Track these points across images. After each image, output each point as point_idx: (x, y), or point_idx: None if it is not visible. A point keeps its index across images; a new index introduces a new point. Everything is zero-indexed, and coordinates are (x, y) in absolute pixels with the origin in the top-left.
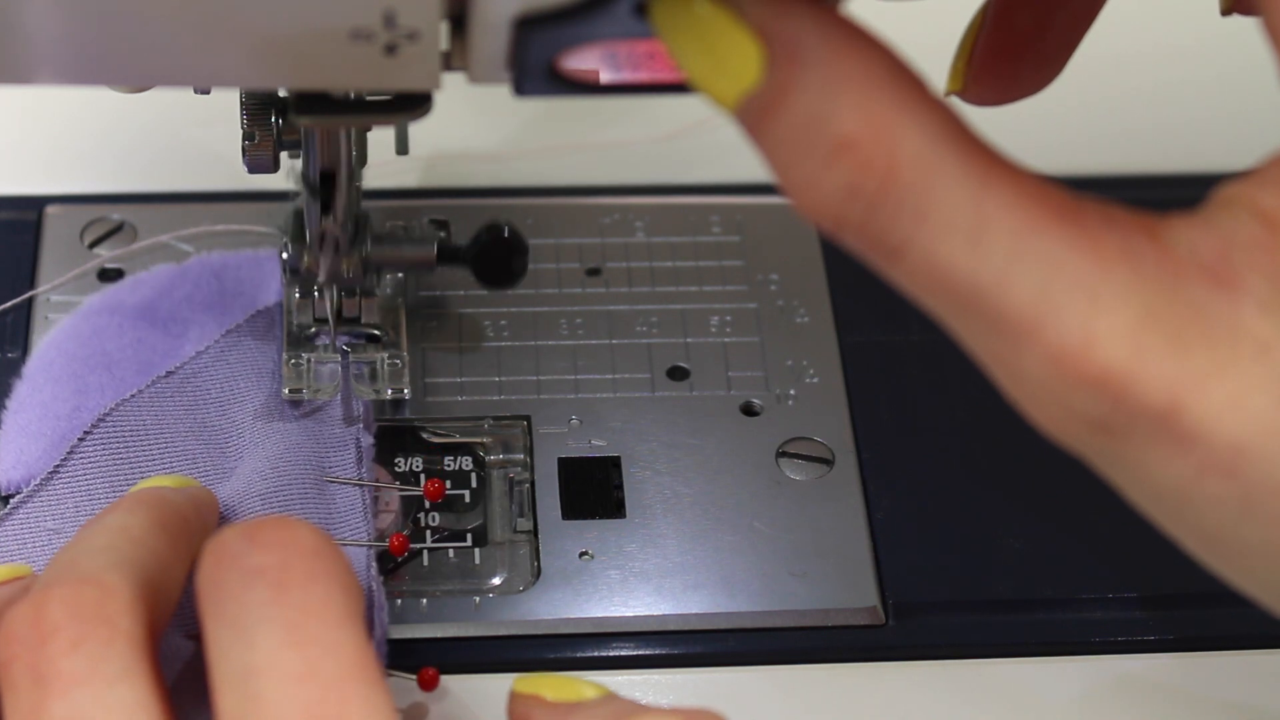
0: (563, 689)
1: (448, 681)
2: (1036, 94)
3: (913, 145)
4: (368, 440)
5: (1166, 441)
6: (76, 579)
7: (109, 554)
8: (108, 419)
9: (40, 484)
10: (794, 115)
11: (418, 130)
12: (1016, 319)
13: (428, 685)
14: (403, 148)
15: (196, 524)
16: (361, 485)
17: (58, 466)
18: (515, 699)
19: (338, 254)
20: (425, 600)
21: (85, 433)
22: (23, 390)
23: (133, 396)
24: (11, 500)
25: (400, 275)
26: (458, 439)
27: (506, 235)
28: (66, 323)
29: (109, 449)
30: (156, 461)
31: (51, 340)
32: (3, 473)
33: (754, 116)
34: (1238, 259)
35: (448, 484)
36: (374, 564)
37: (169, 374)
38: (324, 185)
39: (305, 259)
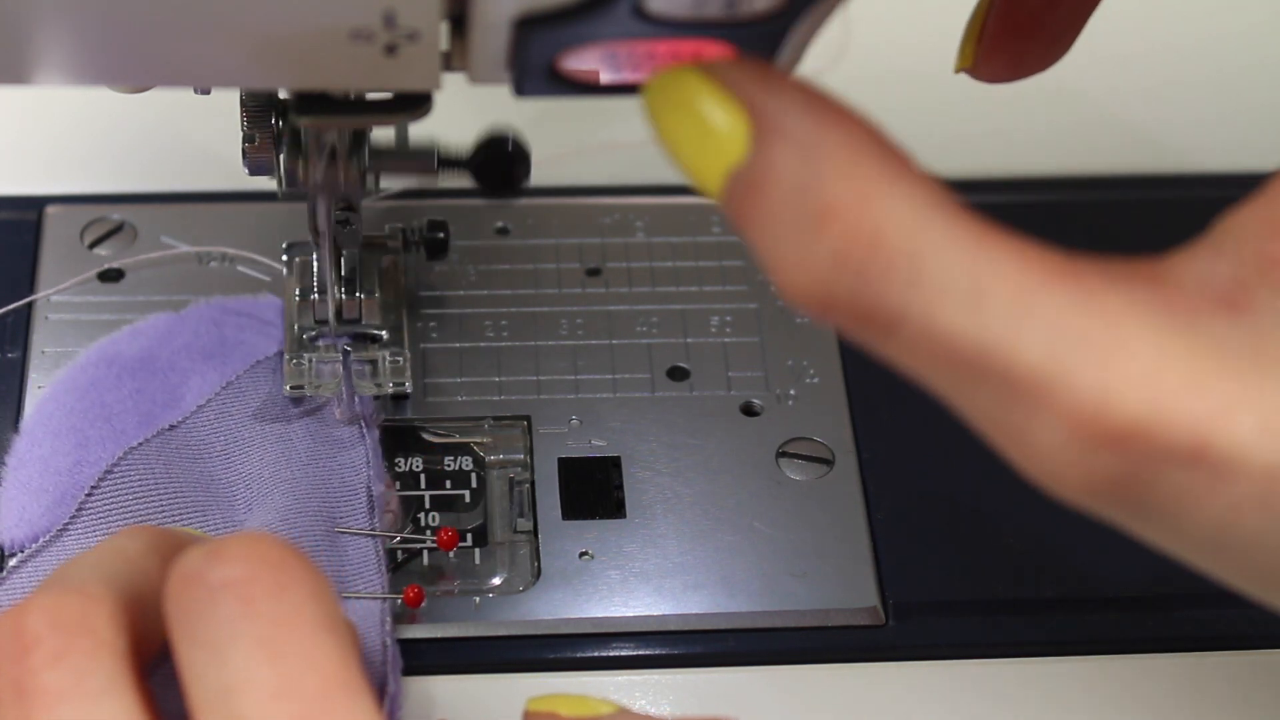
0: (577, 706)
1: (448, 682)
2: (1044, 70)
3: (900, 210)
4: (374, 437)
5: (1199, 482)
6: (59, 590)
7: (97, 569)
8: (114, 471)
9: (49, 540)
10: (778, 189)
11: (418, 130)
12: (1026, 382)
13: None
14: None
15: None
16: (374, 536)
17: (68, 524)
18: (529, 717)
19: (334, 162)
20: (425, 600)
21: (93, 486)
22: (22, 446)
23: (139, 447)
24: (16, 558)
25: (401, 275)
26: (458, 439)
27: (510, 148)
28: (63, 375)
29: (118, 502)
30: (165, 514)
31: (49, 394)
32: (5, 531)
33: (740, 195)
34: (1250, 280)
35: (465, 539)
36: (389, 619)
37: (172, 428)
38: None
39: (301, 170)
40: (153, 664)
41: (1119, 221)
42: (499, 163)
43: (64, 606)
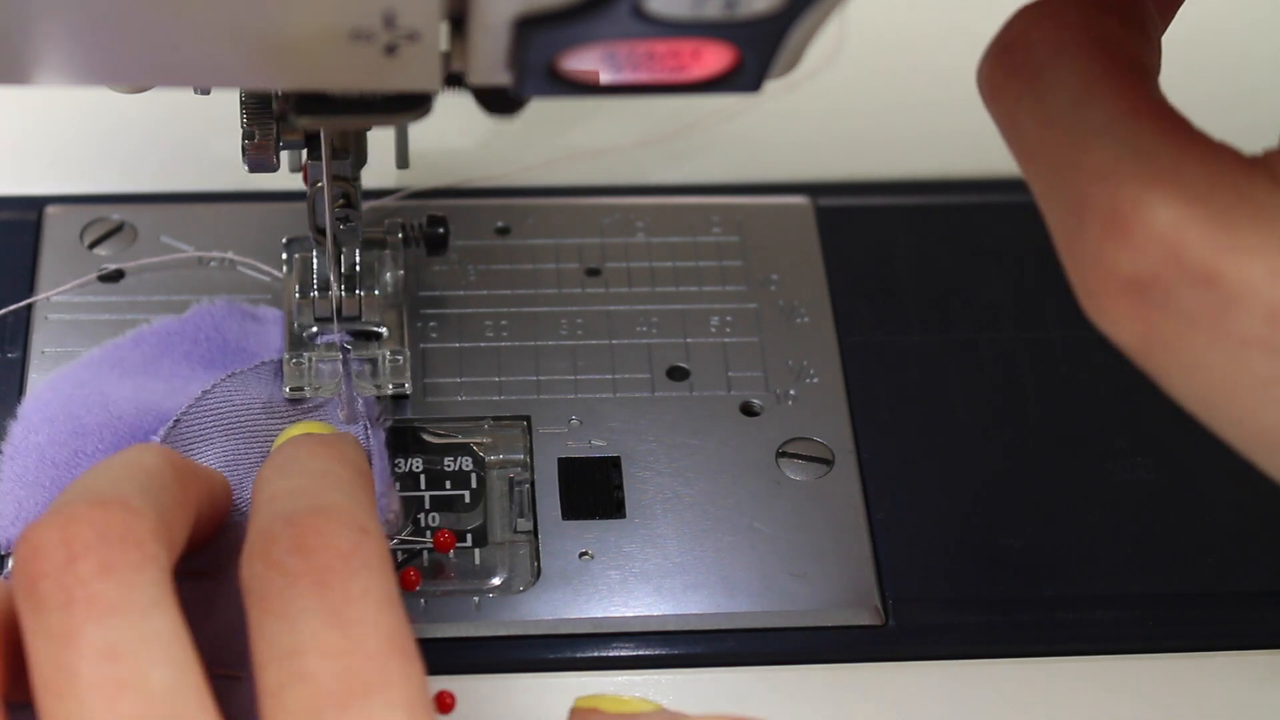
0: (620, 705)
1: (448, 682)
2: None
3: (1050, 28)
4: (380, 439)
5: (1211, 306)
6: (101, 499)
7: (128, 481)
8: None
9: None
10: None
11: (417, 131)
12: (1088, 176)
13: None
14: (403, 161)
15: (205, 479)
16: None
17: None
18: (575, 715)
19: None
20: (425, 600)
21: None
22: (18, 432)
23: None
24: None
25: (401, 273)
26: (458, 439)
27: None
28: (63, 368)
29: None
30: None
31: (47, 383)
32: (3, 530)
33: None
34: None
35: (464, 540)
36: None
37: (175, 422)
38: None
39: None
40: None
41: None
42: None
43: (111, 518)
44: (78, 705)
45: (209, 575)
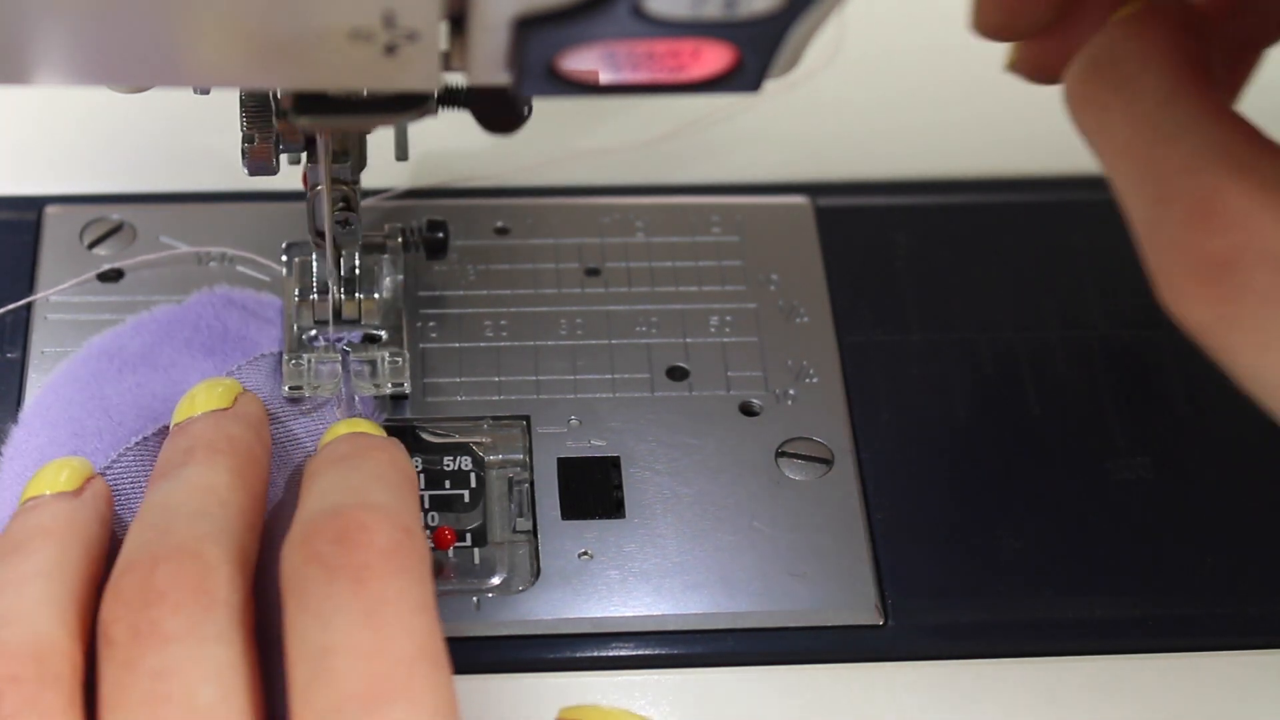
0: (605, 717)
1: None
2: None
3: (1137, 43)
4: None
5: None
6: (178, 550)
7: (203, 520)
8: (112, 469)
9: None
10: None
11: (417, 130)
12: (1168, 170)
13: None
14: (402, 153)
15: (262, 455)
16: None
17: None
18: None
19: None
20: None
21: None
22: (19, 435)
23: (136, 445)
24: None
25: (400, 277)
26: (457, 439)
27: None
28: (64, 366)
29: (114, 498)
30: None
31: (49, 384)
32: (1, 523)
33: None
34: None
35: (464, 539)
36: None
37: (166, 428)
38: None
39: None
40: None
41: (1119, 221)
42: (501, 100)
43: (184, 570)
44: (125, 716)
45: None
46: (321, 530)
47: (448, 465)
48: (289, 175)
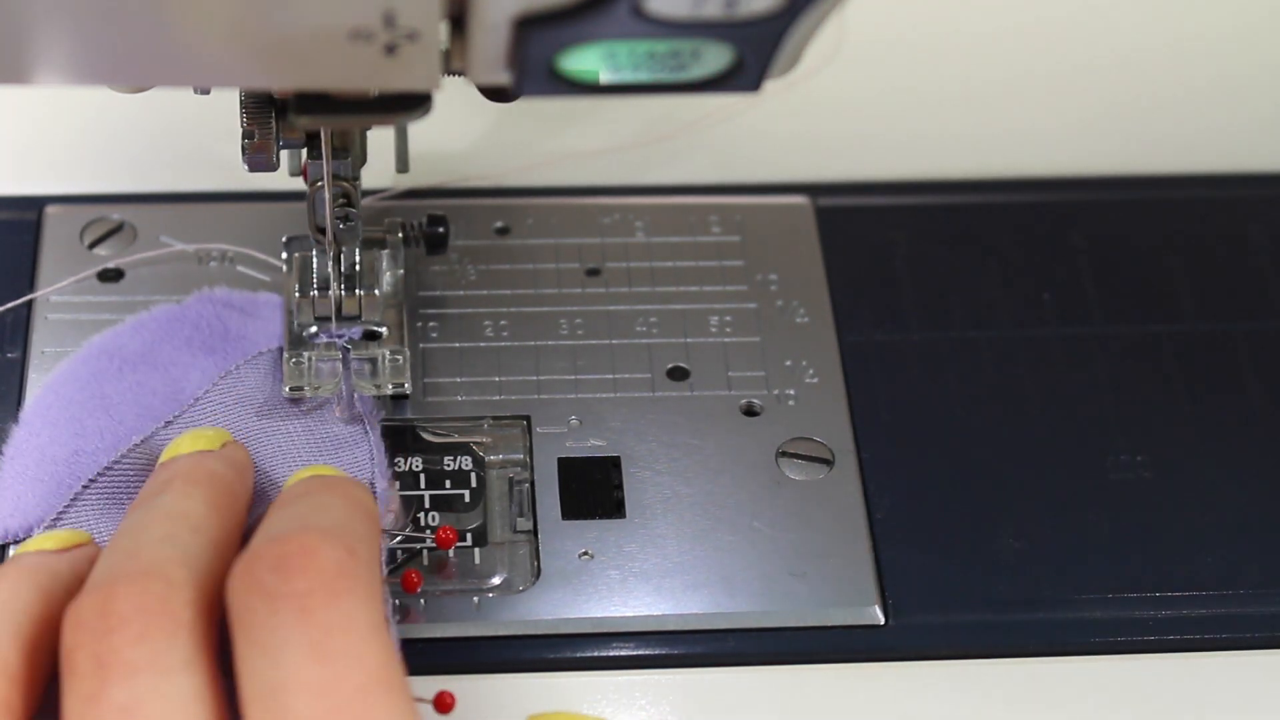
0: None
1: (448, 682)
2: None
3: None
4: (377, 435)
5: None
6: (142, 572)
7: (171, 545)
8: (113, 469)
9: (44, 529)
10: None
11: (417, 130)
12: None
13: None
14: (403, 165)
15: (242, 493)
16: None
17: (60, 514)
18: None
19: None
20: (425, 600)
21: (90, 480)
22: (20, 435)
23: (139, 445)
24: (12, 548)
25: (401, 273)
26: (457, 438)
27: None
28: (64, 365)
29: (113, 497)
30: None
31: (49, 384)
32: (0, 520)
33: None
34: None
35: (464, 539)
36: (393, 617)
37: (168, 424)
38: None
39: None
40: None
41: (1119, 221)
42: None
43: (148, 591)
44: None
45: None
46: (262, 557)
47: (448, 465)
48: (289, 174)
